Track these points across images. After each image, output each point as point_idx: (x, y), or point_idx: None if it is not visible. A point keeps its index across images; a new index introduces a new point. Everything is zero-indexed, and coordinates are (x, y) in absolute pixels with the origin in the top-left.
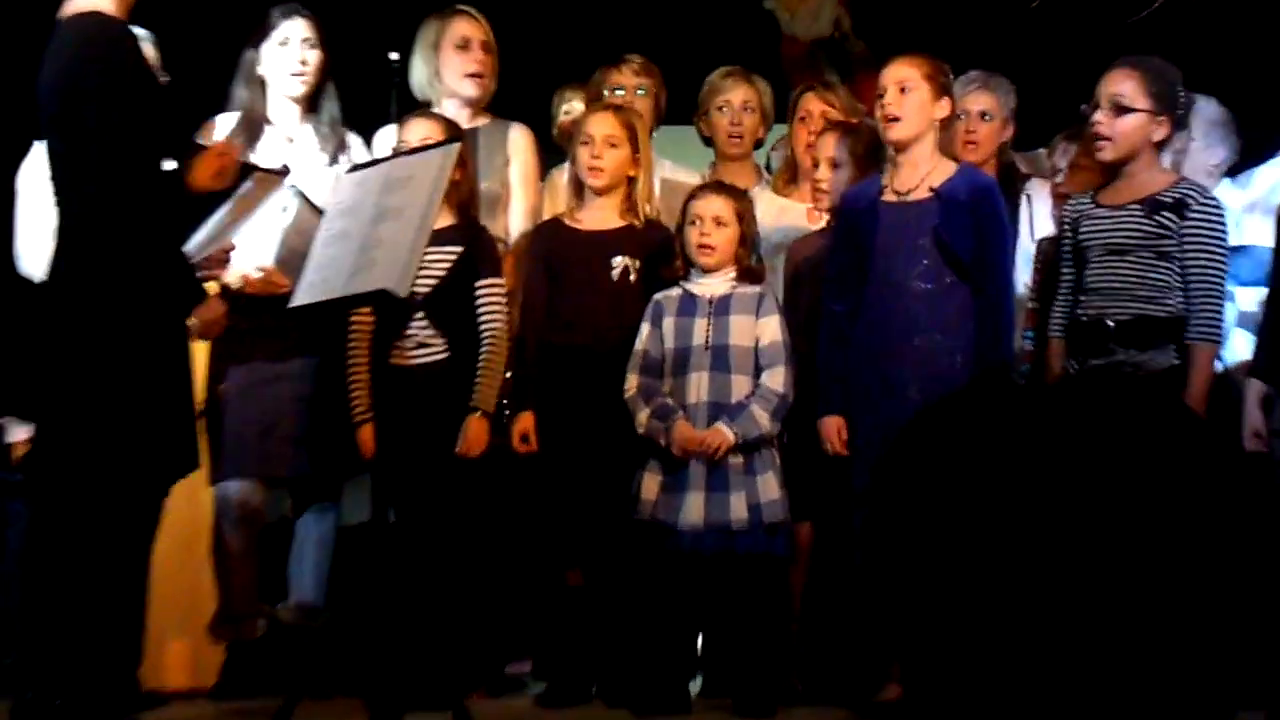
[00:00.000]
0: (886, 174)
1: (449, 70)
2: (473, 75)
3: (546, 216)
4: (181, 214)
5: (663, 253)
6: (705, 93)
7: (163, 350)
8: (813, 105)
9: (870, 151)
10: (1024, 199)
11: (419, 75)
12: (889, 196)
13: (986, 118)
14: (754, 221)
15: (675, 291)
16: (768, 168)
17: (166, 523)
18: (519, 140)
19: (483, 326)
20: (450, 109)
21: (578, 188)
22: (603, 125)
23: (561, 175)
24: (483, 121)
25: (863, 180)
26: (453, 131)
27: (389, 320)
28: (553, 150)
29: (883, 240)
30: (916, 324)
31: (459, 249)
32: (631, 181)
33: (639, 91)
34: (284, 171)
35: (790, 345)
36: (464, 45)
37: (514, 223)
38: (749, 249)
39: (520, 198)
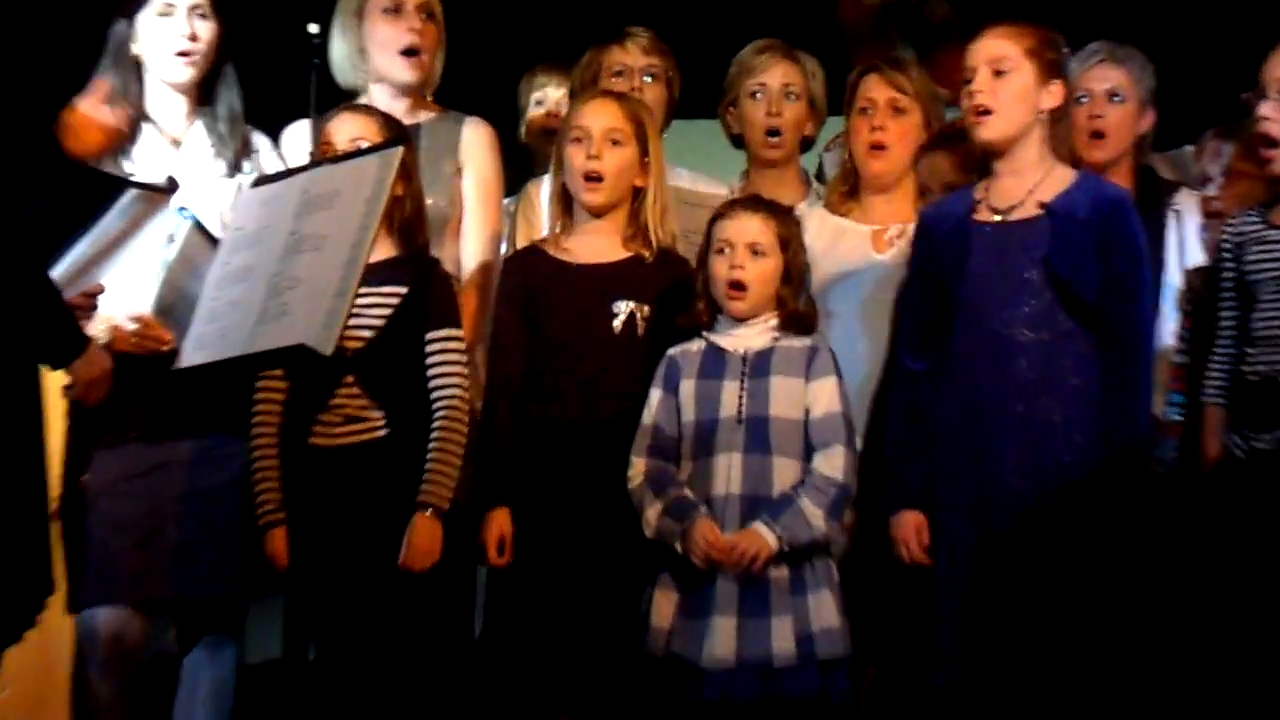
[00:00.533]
0: (980, 186)
1: (377, 46)
2: (407, 52)
3: (521, 244)
4: (41, 234)
5: (680, 293)
6: (734, 75)
7: (6, 427)
8: (877, 91)
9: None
10: (1170, 217)
11: (339, 54)
12: (983, 215)
13: (1116, 99)
14: (802, 249)
15: (696, 345)
16: (819, 176)
17: (9, 664)
18: (475, 140)
19: (435, 394)
20: (381, 98)
21: (565, 204)
22: (603, 116)
23: (539, 189)
24: (425, 115)
25: (950, 196)
26: (394, 131)
27: (308, 387)
28: (520, 154)
29: (975, 274)
30: (1021, 387)
31: (403, 290)
32: (638, 195)
33: (647, 76)
34: (169, 187)
35: (852, 418)
36: (395, 10)
37: (468, 253)
38: (796, 287)
39: (477, 219)
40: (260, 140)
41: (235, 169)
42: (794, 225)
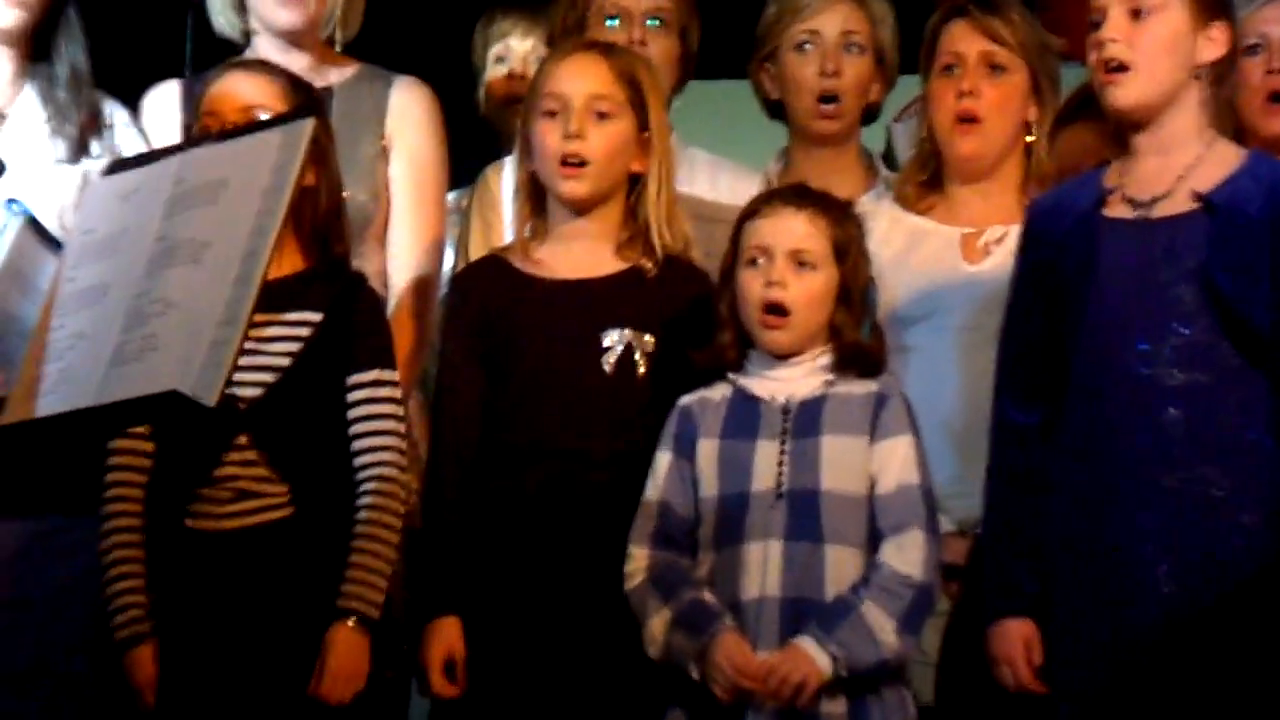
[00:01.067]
0: (1112, 169)
1: None
2: None
3: (475, 252)
4: None
5: (695, 320)
6: (773, 19)
7: None
8: (966, 43)
9: None
10: None
11: None
12: (1117, 210)
13: None
14: (866, 260)
15: (720, 392)
16: (887, 158)
17: None
18: (409, 108)
19: (361, 460)
20: (270, 53)
21: (536, 199)
22: (585, 78)
23: (500, 177)
24: (338, 75)
25: (1070, 182)
26: (303, 97)
27: (184, 451)
28: (478, 131)
29: (1105, 292)
30: (1170, 449)
31: (315, 316)
32: (636, 186)
33: (651, 21)
34: None
35: (934, 492)
36: None
37: (399, 266)
38: (857, 312)
39: (412, 219)
40: (115, 111)
41: (81, 150)
42: (854, 227)
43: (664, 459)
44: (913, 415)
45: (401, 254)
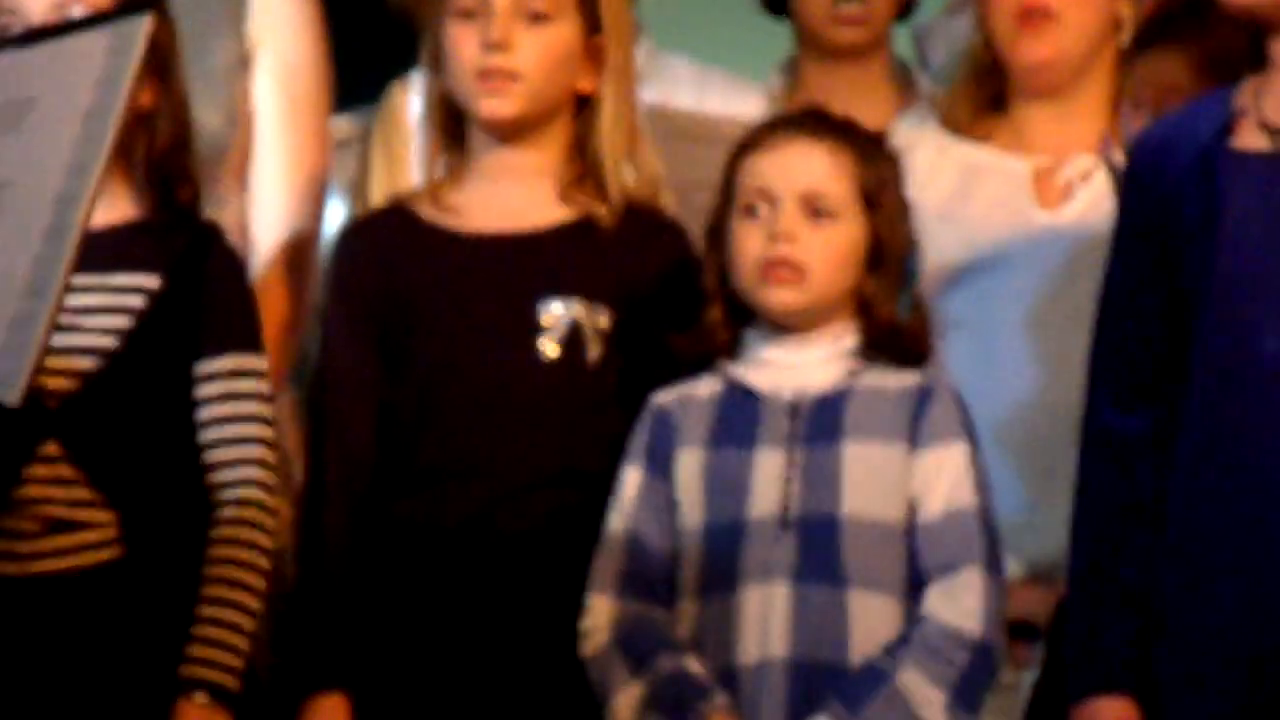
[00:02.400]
0: (1243, 88)
1: None
2: None
3: (376, 198)
4: None
5: (671, 288)
6: None
7: None
8: None
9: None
10: None
11: None
12: (1248, 140)
13: None
14: (904, 210)
15: (707, 386)
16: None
17: None
18: (276, 6)
19: (215, 478)
20: None
21: (450, 127)
22: None
23: (408, 97)
24: None
25: (1189, 104)
26: None
27: None
28: (389, 32)
29: (1235, 251)
30: None
31: (153, 282)
32: (584, 108)
33: None
34: None
35: (993, 517)
36: None
37: (266, 215)
38: (893, 279)
39: (283, 150)
40: None
41: None
42: (889, 166)
43: (632, 477)
44: (968, 416)
45: (269, 198)
